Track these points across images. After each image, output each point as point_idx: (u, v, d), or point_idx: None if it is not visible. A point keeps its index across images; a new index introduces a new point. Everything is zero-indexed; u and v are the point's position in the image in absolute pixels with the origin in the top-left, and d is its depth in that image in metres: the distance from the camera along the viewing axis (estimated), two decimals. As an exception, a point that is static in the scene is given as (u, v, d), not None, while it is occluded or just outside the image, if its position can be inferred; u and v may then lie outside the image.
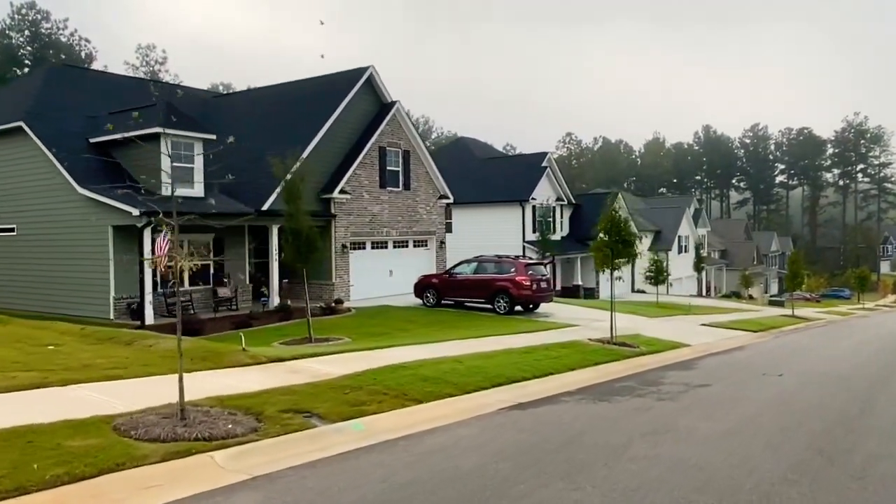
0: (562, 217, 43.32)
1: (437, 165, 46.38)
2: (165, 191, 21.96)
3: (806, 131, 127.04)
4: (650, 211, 61.58)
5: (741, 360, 15.16)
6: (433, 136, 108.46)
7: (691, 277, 60.82)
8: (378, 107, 26.71)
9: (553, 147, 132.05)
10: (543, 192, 39.79)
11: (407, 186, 27.54)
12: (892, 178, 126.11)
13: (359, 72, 26.00)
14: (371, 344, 14.30)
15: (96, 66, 60.94)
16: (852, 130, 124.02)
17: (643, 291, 49.38)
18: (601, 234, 16.27)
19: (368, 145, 25.47)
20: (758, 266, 77.20)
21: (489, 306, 22.00)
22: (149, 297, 18.93)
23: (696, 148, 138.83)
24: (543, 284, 22.20)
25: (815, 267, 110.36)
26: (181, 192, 22.43)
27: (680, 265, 57.65)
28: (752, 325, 24.43)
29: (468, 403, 8.82)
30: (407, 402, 8.49)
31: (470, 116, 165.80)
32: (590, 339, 15.73)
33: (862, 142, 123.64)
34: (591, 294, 43.00)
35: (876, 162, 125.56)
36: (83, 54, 62.96)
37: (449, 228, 41.49)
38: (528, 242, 38.40)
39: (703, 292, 62.79)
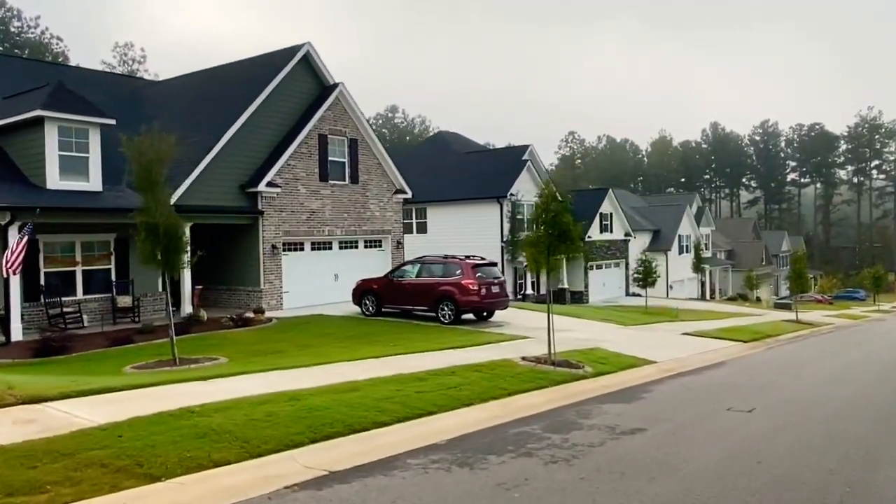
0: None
1: (412, 162, 43.45)
2: (52, 183, 19.25)
3: (818, 127, 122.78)
4: (649, 209, 58.21)
5: (710, 385, 11.97)
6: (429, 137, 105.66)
7: (693, 279, 57.35)
8: (319, 90, 23.74)
9: (555, 147, 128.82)
10: (525, 188, 36.62)
11: (355, 179, 24.51)
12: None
13: (293, 50, 23.04)
14: (246, 367, 11.32)
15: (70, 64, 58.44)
16: (866, 125, 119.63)
17: (637, 294, 46.04)
18: (535, 227, 13.04)
19: (305, 132, 22.48)
20: (766, 267, 73.46)
21: (435, 314, 18.92)
22: (16, 310, 15.99)
23: (705, 146, 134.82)
24: (496, 289, 19.06)
25: (829, 267, 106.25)
26: (72, 185, 19.55)
27: (681, 266, 54.28)
28: (744, 334, 21.15)
29: (239, 478, 5.76)
30: (131, 480, 5.42)
31: (469, 118, 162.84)
32: (522, 359, 12.59)
33: (877, 137, 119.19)
34: (579, 298, 39.79)
35: (891, 158, 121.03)
36: (55, 52, 60.58)
37: (423, 228, 38.57)
38: (507, 242, 35.25)
39: (707, 295, 59.29)
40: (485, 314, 19.96)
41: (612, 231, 43.06)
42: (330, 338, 15.99)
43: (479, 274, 18.65)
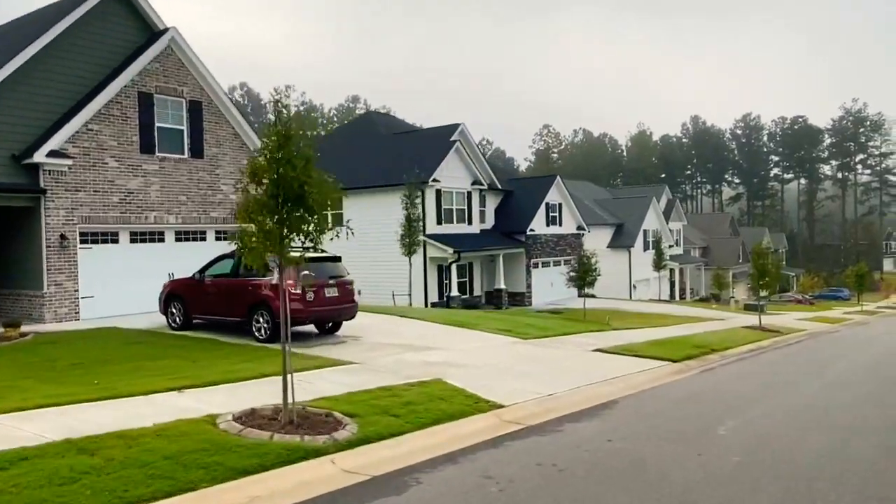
0: (482, 205, 35.06)
1: (330, 145, 38.32)
2: None
3: (801, 120, 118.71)
4: (613, 202, 53.36)
5: (543, 467, 6.89)
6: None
7: (662, 279, 52.54)
8: (144, 38, 18.57)
9: (529, 140, 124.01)
10: (453, 174, 31.56)
11: (198, 152, 19.34)
12: (894, 170, 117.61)
13: (101, -20, 17.83)
14: None
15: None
16: (851, 118, 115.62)
17: (592, 296, 41.07)
18: (247, 186, 7.76)
19: (115, 87, 17.29)
20: (744, 265, 68.73)
21: (250, 327, 13.79)
22: None
23: (685, 140, 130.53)
24: (333, 293, 13.90)
25: (813, 265, 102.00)
26: None
27: (646, 264, 49.56)
28: (681, 349, 16.16)
29: None
30: None
31: (438, 111, 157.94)
32: (237, 419, 7.47)
33: (861, 130, 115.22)
34: (519, 300, 34.78)
35: (876, 152, 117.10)
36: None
37: (338, 221, 33.38)
38: (431, 236, 30.15)
39: (677, 295, 54.53)
40: (329, 326, 14.87)
41: (561, 224, 38.08)
42: (81, 368, 10.91)
43: (305, 272, 13.50)
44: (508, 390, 10.10)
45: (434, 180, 30.14)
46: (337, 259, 14.47)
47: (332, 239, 8.15)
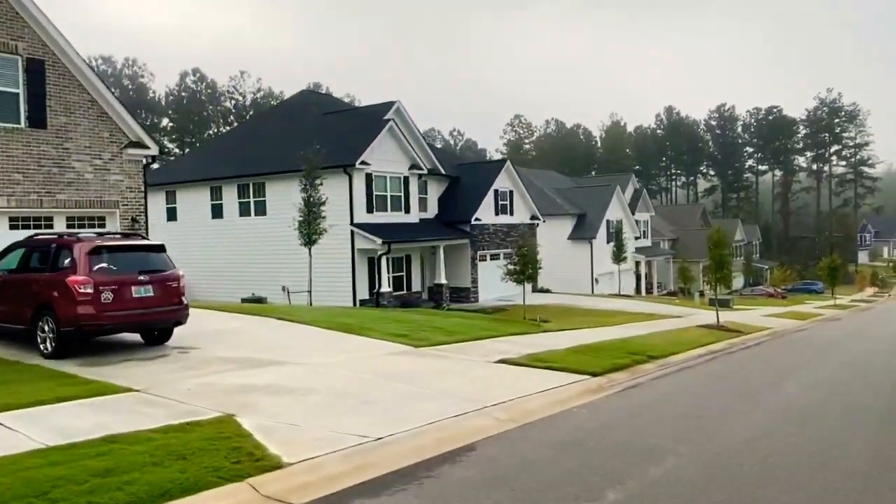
0: (424, 192, 31.96)
1: (258, 126, 35.05)
2: None
3: (776, 110, 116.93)
4: (575, 192, 50.51)
5: None
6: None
7: (627, 272, 49.85)
8: (-37, -22, 15.17)
9: (500, 131, 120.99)
10: (386, 157, 28.40)
11: (40, 122, 15.96)
12: (869, 161, 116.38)
13: None
14: None
15: None
16: (825, 109, 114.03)
17: (548, 291, 38.26)
18: None
19: (-88, 38, 13.91)
20: (715, 257, 66.53)
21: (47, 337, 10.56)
22: None
23: (660, 132, 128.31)
24: (144, 292, 10.65)
25: (788, 258, 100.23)
26: None
27: (609, 257, 46.89)
28: (610, 357, 13.21)
29: None
30: None
31: (408, 101, 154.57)
32: None
33: (836, 121, 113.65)
34: (464, 296, 31.78)
35: (851, 143, 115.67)
36: None
37: (262, 209, 30.15)
38: (360, 225, 26.99)
39: (643, 289, 51.88)
40: (156, 334, 11.68)
41: (512, 213, 35.08)
42: None
43: (102, 265, 10.28)
44: (321, 434, 7.03)
45: (363, 163, 26.94)
46: (156, 248, 11.26)
47: None
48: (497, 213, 33.86)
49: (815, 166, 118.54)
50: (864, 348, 17.93)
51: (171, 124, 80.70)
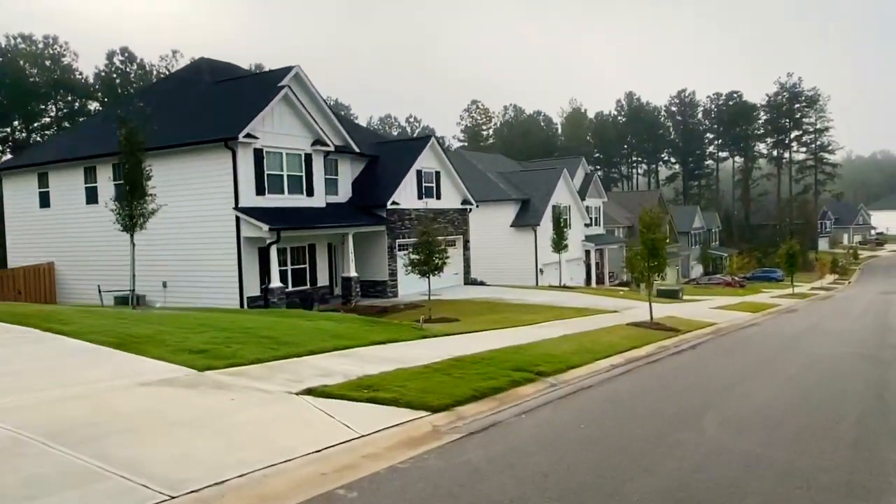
0: (333, 173, 28.13)
1: (146, 98, 30.94)
2: None
3: (736, 95, 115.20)
4: (520, 175, 47.04)
5: None
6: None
7: (577, 261, 46.69)
8: None
9: (457, 117, 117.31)
10: (282, 130, 24.50)
11: None
12: (829, 147, 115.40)
13: None
14: None
15: None
16: (786, 94, 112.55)
17: (483, 283, 34.78)
18: None
19: None
20: (672, 245, 63.76)
21: None
22: None
23: (621, 119, 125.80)
24: None
25: (748, 245, 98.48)
26: None
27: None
28: (484, 376, 9.71)
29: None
30: None
31: (361, 87, 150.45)
32: None
33: (796, 106, 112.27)
34: (381, 291, 28.10)
35: (811, 129, 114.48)
36: None
37: (122, 194, 25.94)
38: (247, 210, 23.05)
39: (594, 280, 48.74)
40: None
41: (439, 197, 31.41)
42: None
43: None
44: None
45: (249, 136, 22.96)
46: None
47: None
48: (421, 197, 30.16)
49: (775, 152, 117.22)
50: (821, 352, 14.67)
51: (99, 107, 75.34)
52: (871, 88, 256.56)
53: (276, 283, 23.08)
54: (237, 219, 23.00)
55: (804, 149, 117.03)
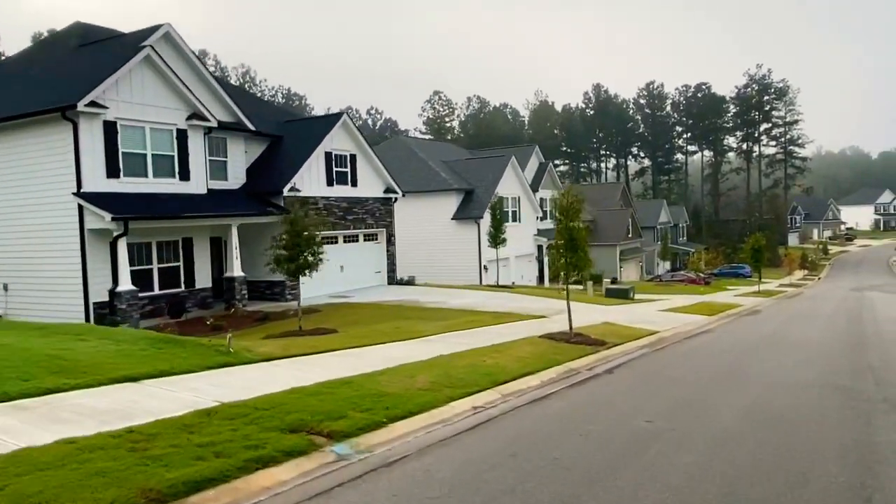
0: (221, 154, 23.92)
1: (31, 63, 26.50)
2: None
3: (705, 87, 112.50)
4: (466, 164, 43.07)
5: None
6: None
7: (528, 257, 42.93)
8: None
9: (418, 109, 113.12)
10: (144, 100, 20.19)
11: None
12: (799, 140, 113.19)
13: None
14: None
15: None
16: (755, 86, 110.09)
17: (410, 282, 30.83)
18: None
19: None
20: (633, 240, 60.36)
21: None
22: None
23: (589, 112, 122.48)
24: None
25: (717, 241, 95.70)
26: None
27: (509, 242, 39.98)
28: (253, 443, 5.63)
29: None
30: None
31: (332, 85, 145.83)
32: None
33: (766, 98, 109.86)
34: (277, 294, 24.05)
35: (781, 122, 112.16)
36: None
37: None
38: (91, 196, 18.71)
39: (547, 278, 44.91)
40: None
41: (355, 184, 27.33)
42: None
43: None
44: None
45: (95, 105, 18.64)
46: None
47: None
48: (331, 184, 26.05)
49: (744, 146, 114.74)
50: (778, 382, 10.85)
51: None
52: (841, 85, 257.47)
53: (125, 286, 18.76)
54: (79, 207, 18.69)
55: (774, 142, 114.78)
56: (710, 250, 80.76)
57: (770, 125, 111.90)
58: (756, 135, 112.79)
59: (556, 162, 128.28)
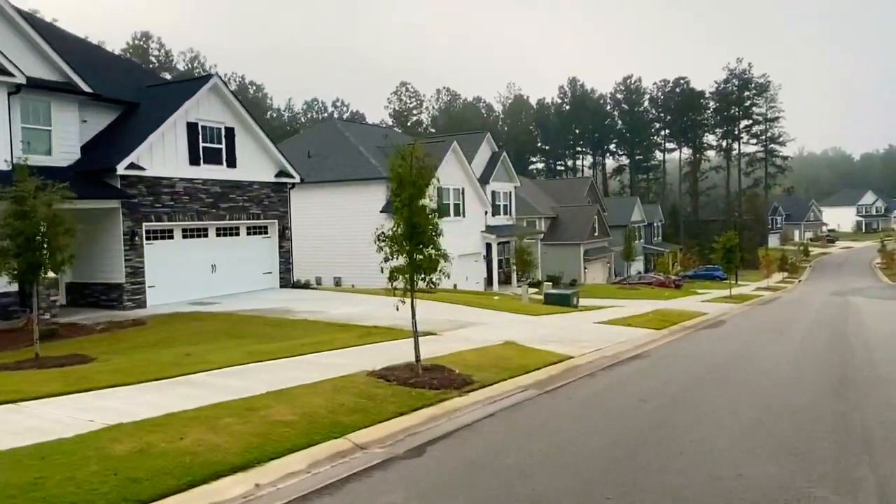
0: (44, 123, 18.81)
1: None
2: None
3: (683, 82, 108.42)
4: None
5: None
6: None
7: (473, 256, 38.10)
8: None
9: (384, 101, 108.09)
10: None
11: None
12: (780, 139, 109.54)
13: None
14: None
15: None
16: (735, 81, 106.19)
17: (307, 285, 25.93)
18: None
19: None
20: (600, 240, 55.77)
21: None
22: None
23: (565, 107, 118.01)
24: None
25: (696, 242, 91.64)
26: None
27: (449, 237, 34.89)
28: None
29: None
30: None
31: (299, 77, 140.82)
32: None
33: (746, 94, 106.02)
34: (114, 300, 19.00)
35: (762, 119, 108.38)
36: None
37: None
38: None
39: (496, 280, 40.14)
40: None
41: (233, 164, 22.33)
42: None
43: None
44: None
45: None
46: None
47: None
48: (197, 163, 21.03)
49: (724, 143, 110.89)
50: (700, 481, 6.08)
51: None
52: (823, 86, 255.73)
53: None
54: None
55: (754, 140, 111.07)
56: (686, 251, 76.55)
57: (751, 122, 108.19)
58: (736, 132, 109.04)
59: (532, 159, 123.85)
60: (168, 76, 71.67)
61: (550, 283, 37.33)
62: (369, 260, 31.02)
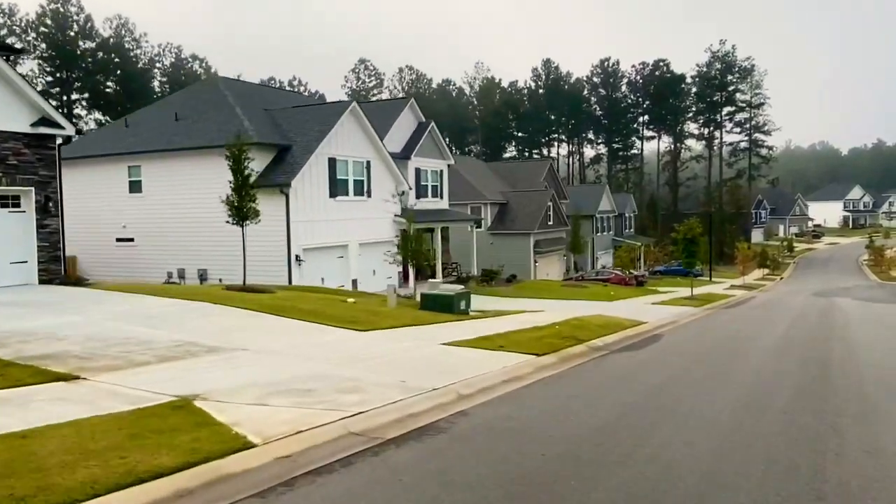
0: None
1: None
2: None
3: (663, 64, 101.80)
4: (291, 113, 30.99)
5: None
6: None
7: (382, 245, 31.25)
8: None
9: (342, 79, 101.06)
10: None
11: None
12: (765, 127, 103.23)
13: None
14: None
15: None
16: (718, 64, 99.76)
17: (67, 280, 18.89)
18: None
19: None
20: (555, 230, 49.09)
21: None
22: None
23: (541, 91, 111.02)
24: None
25: (675, 235, 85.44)
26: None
27: (334, 215, 28.94)
28: None
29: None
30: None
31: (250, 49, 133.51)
32: None
33: (729, 78, 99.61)
34: None
35: (746, 105, 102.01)
36: None
37: None
38: None
39: (411, 277, 33.28)
40: None
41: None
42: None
43: None
44: None
45: None
46: None
47: None
48: None
49: (706, 131, 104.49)
50: None
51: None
52: (811, 79, 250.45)
53: None
54: None
55: (738, 129, 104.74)
56: (659, 244, 70.21)
57: (734, 108, 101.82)
58: (718, 119, 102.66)
59: (508, 147, 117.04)
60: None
61: (492, 279, 30.61)
62: (238, 247, 23.54)
